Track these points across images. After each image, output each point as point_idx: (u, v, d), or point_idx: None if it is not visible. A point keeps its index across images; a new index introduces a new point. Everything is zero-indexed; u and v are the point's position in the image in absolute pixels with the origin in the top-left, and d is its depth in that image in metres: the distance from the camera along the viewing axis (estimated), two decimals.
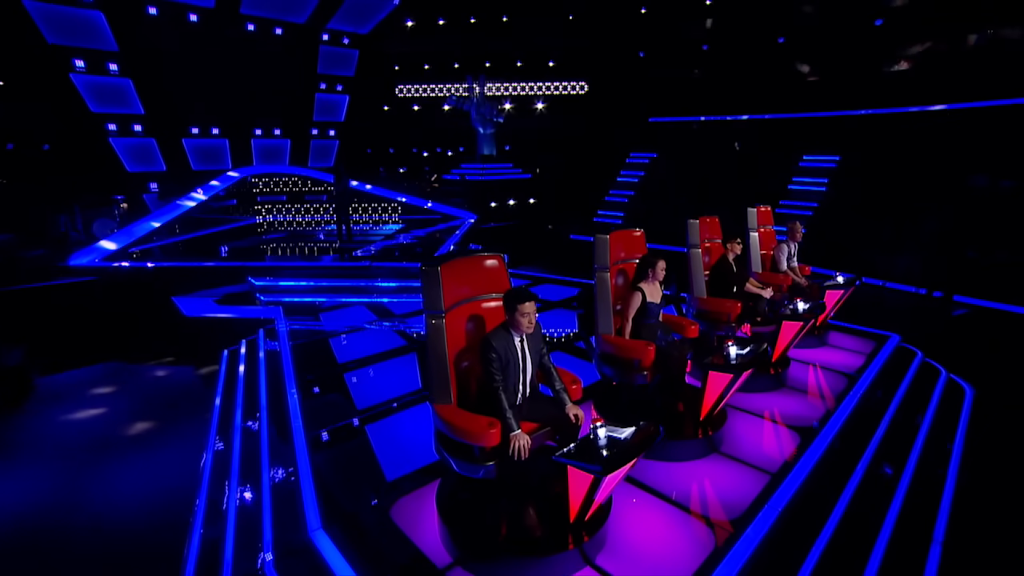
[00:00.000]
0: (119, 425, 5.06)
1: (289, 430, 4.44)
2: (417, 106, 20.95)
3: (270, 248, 11.89)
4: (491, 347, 2.93)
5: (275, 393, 5.39)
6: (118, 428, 5.00)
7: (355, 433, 4.44)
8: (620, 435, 2.78)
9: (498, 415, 2.87)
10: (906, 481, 4.00)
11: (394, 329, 7.24)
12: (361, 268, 8.63)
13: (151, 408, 5.54)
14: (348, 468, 4.00)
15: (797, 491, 3.66)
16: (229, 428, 4.82)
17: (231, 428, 4.81)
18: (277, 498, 3.62)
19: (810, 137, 13.64)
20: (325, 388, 5.41)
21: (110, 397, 5.80)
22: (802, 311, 5.05)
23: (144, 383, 6.43)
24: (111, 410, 5.42)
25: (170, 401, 5.85)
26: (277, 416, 4.81)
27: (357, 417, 4.72)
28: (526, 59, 20.43)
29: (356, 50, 18.79)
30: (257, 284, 8.47)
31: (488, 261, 3.37)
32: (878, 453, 4.30)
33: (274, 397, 5.29)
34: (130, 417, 5.26)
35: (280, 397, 5.24)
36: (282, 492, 3.69)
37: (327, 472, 3.89)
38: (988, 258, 8.91)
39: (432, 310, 3.06)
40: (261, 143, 17.96)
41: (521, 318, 2.95)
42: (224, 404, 5.63)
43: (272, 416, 4.82)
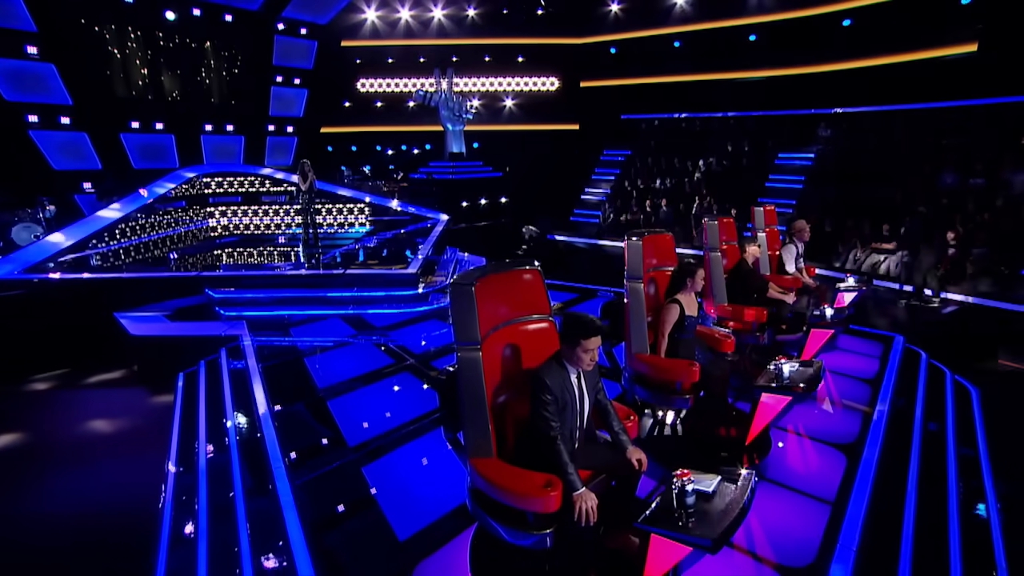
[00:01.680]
0: (41, 471, 4.17)
1: (269, 478, 3.71)
2: (380, 102, 19.94)
3: (228, 255, 10.83)
4: (545, 387, 2.37)
5: (247, 427, 4.62)
6: (39, 475, 4.11)
7: (351, 478, 3.75)
8: (707, 487, 2.28)
9: (556, 471, 2.31)
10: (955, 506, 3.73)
11: (376, 344, 6.53)
12: (335, 276, 7.83)
13: (85, 449, 4.67)
14: (349, 527, 3.33)
15: (864, 523, 3.31)
16: (191, 470, 4.04)
17: (194, 473, 4.03)
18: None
19: (785, 135, 13.73)
20: (307, 421, 4.68)
21: (29, 437, 4.88)
22: (830, 317, 4.75)
23: (79, 415, 5.50)
24: (31, 452, 4.51)
25: (114, 438, 4.99)
26: (252, 458, 4.07)
27: (350, 456, 4.03)
28: (495, 54, 19.80)
29: (315, 41, 17.66)
30: (216, 296, 7.54)
31: (526, 275, 2.79)
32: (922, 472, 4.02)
33: (246, 433, 4.52)
34: (56, 462, 4.38)
35: (253, 431, 4.48)
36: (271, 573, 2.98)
37: (323, 533, 3.21)
38: (968, 255, 9.05)
39: (465, 341, 2.46)
40: (212, 140, 16.56)
41: (584, 354, 2.41)
42: (183, 442, 4.81)
43: (246, 460, 4.06)
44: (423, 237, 12.16)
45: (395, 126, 19.90)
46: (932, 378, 5.69)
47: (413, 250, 10.36)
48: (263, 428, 4.42)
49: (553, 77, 20.11)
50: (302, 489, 3.57)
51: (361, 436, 4.29)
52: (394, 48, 19.35)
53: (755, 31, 15.60)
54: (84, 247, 9.65)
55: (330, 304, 7.62)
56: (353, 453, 4.04)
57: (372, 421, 4.54)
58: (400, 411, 4.71)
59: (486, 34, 19.28)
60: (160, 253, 11.04)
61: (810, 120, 13.47)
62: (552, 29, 19.26)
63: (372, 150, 20.09)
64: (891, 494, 3.62)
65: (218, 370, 6.27)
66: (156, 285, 8.04)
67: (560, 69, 19.90)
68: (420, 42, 19.34)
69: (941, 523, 3.50)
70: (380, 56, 19.45)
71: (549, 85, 20.22)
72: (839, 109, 13.11)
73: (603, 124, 18.01)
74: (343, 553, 3.07)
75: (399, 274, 7.97)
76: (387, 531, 3.19)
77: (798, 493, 3.58)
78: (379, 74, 19.71)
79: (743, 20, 15.57)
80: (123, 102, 14.48)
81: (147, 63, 14.99)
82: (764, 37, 15.47)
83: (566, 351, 2.46)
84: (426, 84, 18.44)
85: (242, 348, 6.48)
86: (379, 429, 4.39)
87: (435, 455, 4.00)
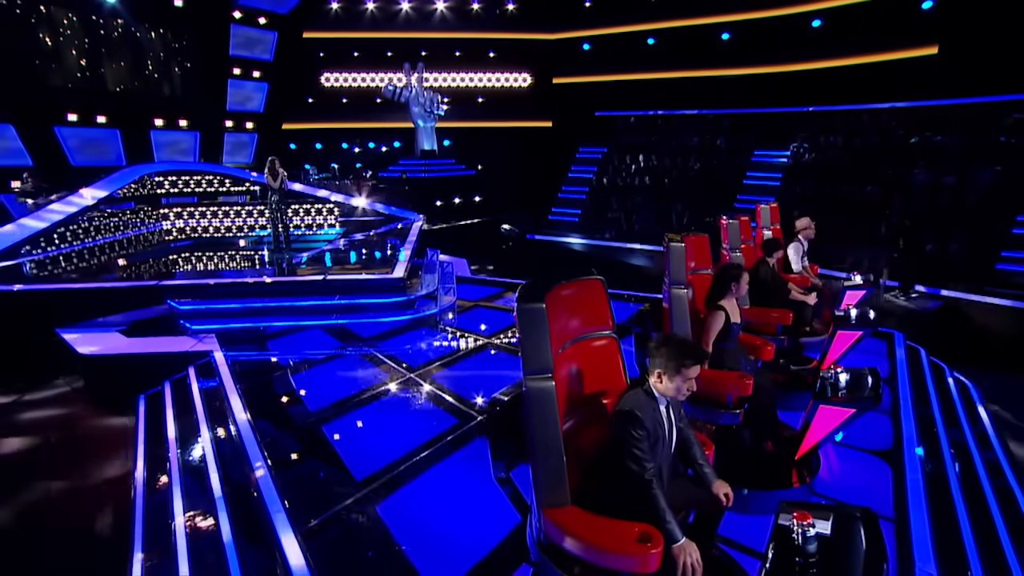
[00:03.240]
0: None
1: (267, 525, 3.17)
2: (345, 98, 19.04)
3: (188, 260, 9.92)
4: (638, 422, 2.00)
5: (232, 462, 4.03)
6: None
7: (366, 520, 3.26)
8: (823, 530, 1.96)
9: (651, 519, 1.94)
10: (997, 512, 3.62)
11: (365, 356, 5.99)
12: (315, 283, 7.20)
13: (21, 492, 3.99)
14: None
15: (933, 543, 3.11)
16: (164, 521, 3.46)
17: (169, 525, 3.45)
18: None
19: (760, 132, 13.89)
20: (303, 452, 4.12)
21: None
22: (855, 319, 4.58)
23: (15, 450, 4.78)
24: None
25: (60, 479, 4.32)
26: (243, 502, 3.51)
27: (360, 492, 3.53)
28: (465, 49, 19.27)
29: (274, 32, 16.66)
30: (181, 308, 6.77)
31: (589, 285, 2.40)
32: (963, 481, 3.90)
33: (232, 469, 3.94)
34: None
35: (241, 467, 3.90)
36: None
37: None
38: (944, 250, 9.31)
39: (536, 369, 2.05)
40: (163, 136, 15.34)
41: (683, 383, 2.07)
42: (151, 480, 4.19)
43: (235, 504, 3.50)
44: (401, 238, 11.56)
45: (362, 123, 19.07)
46: (938, 377, 5.69)
47: (393, 253, 9.78)
48: (251, 462, 3.85)
49: (525, 73, 19.78)
50: (309, 537, 3.06)
51: (368, 467, 3.79)
52: (359, 41, 18.53)
53: (727, 29, 15.76)
54: (15, 254, 8.58)
55: (310, 314, 6.99)
56: (363, 489, 3.54)
57: (378, 448, 4.04)
58: (407, 434, 4.23)
59: (456, 28, 18.74)
60: (107, 259, 10.01)
61: (784, 118, 13.69)
62: (524, 24, 18.92)
63: (338, 148, 19.20)
64: (944, 507, 3.46)
65: (187, 391, 5.59)
66: (108, 296, 7.17)
67: (532, 65, 19.59)
68: (387, 35, 18.60)
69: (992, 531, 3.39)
70: (345, 49, 18.58)
71: (521, 81, 19.88)
72: (812, 107, 13.37)
73: (577, 121, 17.81)
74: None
75: (384, 279, 7.42)
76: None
77: None
78: (344, 68, 18.84)
79: (715, 18, 15.70)
80: (56, 92, 13.14)
81: (85, 51, 13.68)
82: (736, 35, 15.65)
83: (661, 378, 2.10)
84: (395, 79, 17.74)
85: (214, 365, 5.81)
86: (387, 457, 3.90)
87: (456, 485, 3.57)
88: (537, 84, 19.78)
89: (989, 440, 4.78)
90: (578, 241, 13.89)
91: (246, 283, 7.05)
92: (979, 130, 10.93)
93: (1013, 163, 10.09)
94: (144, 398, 5.79)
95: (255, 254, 10.69)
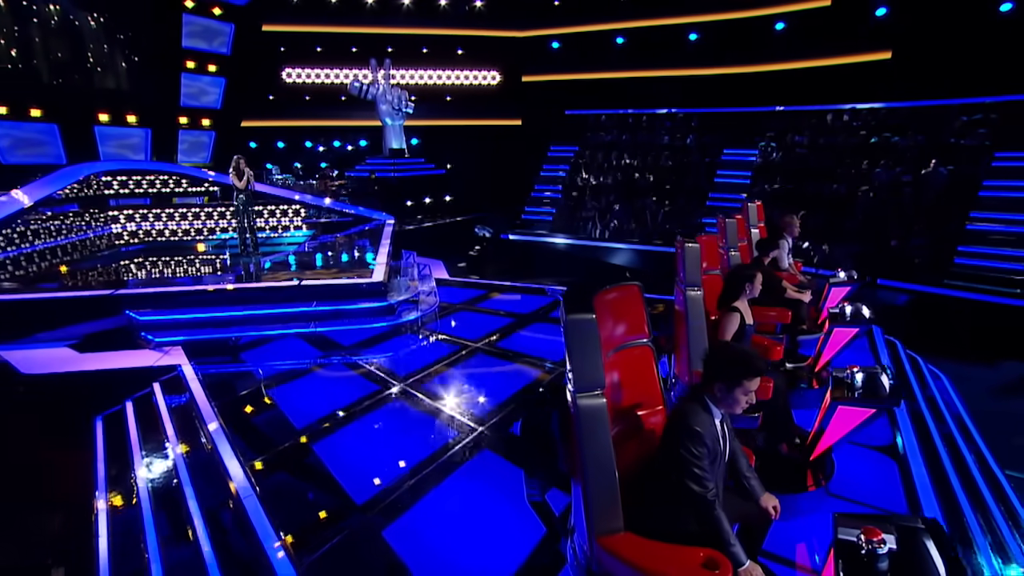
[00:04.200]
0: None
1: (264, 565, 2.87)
2: (308, 95, 18.29)
3: (148, 266, 9.22)
4: (699, 439, 1.87)
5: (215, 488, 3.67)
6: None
7: (372, 549, 3.00)
8: (890, 543, 1.87)
9: (715, 543, 1.80)
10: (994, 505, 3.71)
11: (349, 365, 5.67)
12: (289, 289, 6.78)
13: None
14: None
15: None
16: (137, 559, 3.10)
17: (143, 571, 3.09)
18: None
19: (729, 131, 14.19)
20: (295, 475, 3.80)
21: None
22: (849, 315, 4.62)
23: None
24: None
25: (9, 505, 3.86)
26: (232, 536, 3.18)
27: (362, 517, 3.26)
28: (432, 46, 18.86)
29: (231, 23, 15.79)
30: (141, 319, 6.22)
31: (628, 292, 2.25)
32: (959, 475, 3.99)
33: (216, 497, 3.58)
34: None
35: (225, 495, 3.55)
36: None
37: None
38: (908, 245, 9.72)
39: (587, 385, 1.88)
40: (109, 132, 14.29)
41: (743, 396, 1.95)
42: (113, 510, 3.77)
43: (224, 538, 3.17)
44: (374, 240, 11.17)
45: (326, 120, 18.39)
46: (915, 369, 5.89)
47: (368, 255, 9.40)
48: (237, 488, 3.51)
49: (494, 71, 19.57)
50: (312, 574, 2.78)
51: (368, 488, 3.52)
52: (322, 35, 17.84)
53: (695, 29, 16.06)
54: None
55: (285, 322, 6.58)
56: (365, 513, 3.27)
57: (375, 467, 3.77)
58: (405, 450, 3.98)
59: (423, 24, 18.33)
60: (48, 266, 9.20)
61: (752, 117, 14.04)
62: (492, 21, 18.70)
63: (301, 147, 18.44)
64: (952, 503, 3.52)
65: (153, 410, 5.12)
66: (55, 307, 6.54)
67: (501, 63, 19.40)
68: (351, 29, 17.99)
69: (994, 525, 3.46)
70: (307, 43, 17.85)
71: (490, 79, 19.65)
72: (778, 107, 13.76)
73: (547, 120, 17.75)
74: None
75: (363, 284, 7.08)
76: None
77: (872, 508, 3.36)
78: (306, 63, 18.11)
79: (683, 19, 15.96)
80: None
81: (15, 39, 12.57)
82: (704, 36, 15.97)
83: (719, 390, 1.97)
84: (360, 75, 17.17)
85: (183, 380, 5.36)
86: (387, 477, 3.64)
87: (466, 504, 3.35)
88: (506, 82, 19.61)
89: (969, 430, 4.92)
90: (556, 240, 13.82)
91: (217, 290, 6.57)
92: (932, 132, 11.52)
93: (963, 163, 10.67)
94: (101, 420, 5.27)
95: (216, 259, 10.07)
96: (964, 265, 9.35)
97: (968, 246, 9.54)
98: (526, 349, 6.01)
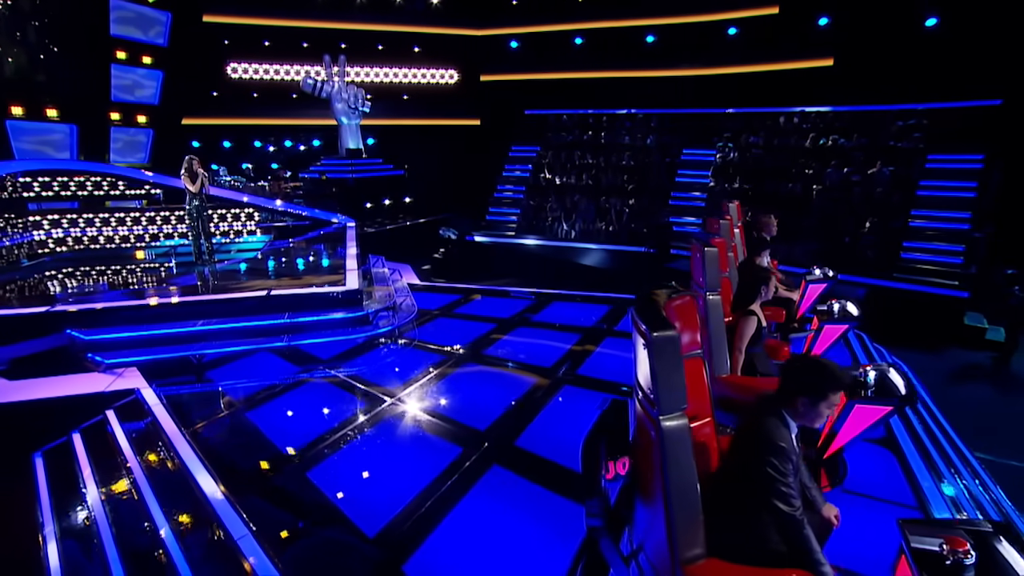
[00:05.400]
0: None
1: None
2: (256, 92, 17.26)
3: (85, 278, 8.32)
4: (785, 456, 1.79)
5: (201, 533, 3.28)
6: None
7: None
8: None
9: (804, 563, 1.73)
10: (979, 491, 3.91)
11: (332, 381, 5.31)
12: (256, 300, 6.28)
13: None
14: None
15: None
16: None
17: None
18: None
19: (687, 132, 14.60)
20: (293, 506, 3.46)
21: None
22: (838, 312, 4.78)
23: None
24: None
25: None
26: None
27: (378, 553, 2.99)
28: (388, 43, 18.29)
29: (167, 12, 14.65)
30: (86, 338, 5.56)
31: (687, 301, 2.15)
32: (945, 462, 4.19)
33: (196, 533, 3.19)
34: None
35: (212, 538, 3.17)
36: None
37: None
38: (859, 242, 10.31)
39: (672, 407, 1.76)
40: (25, 127, 12.88)
41: (827, 410, 1.91)
42: (68, 564, 3.32)
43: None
44: (337, 245, 10.66)
45: (276, 119, 17.44)
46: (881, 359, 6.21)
47: (336, 261, 8.92)
48: (227, 528, 3.15)
49: (452, 70, 19.24)
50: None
51: (378, 518, 3.25)
52: (270, 28, 16.88)
53: (652, 32, 16.43)
54: None
55: (253, 336, 6.09)
56: (380, 548, 3.01)
57: (381, 493, 3.50)
58: (410, 471, 3.73)
59: (377, 20, 17.74)
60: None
61: (708, 119, 14.52)
62: (449, 19, 18.37)
63: (250, 146, 17.39)
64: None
65: (108, 440, 4.59)
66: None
67: (459, 61, 19.09)
68: (301, 23, 17.14)
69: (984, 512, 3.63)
70: (254, 37, 16.83)
71: (448, 78, 19.31)
72: (731, 109, 14.29)
73: (507, 120, 17.63)
74: None
75: (339, 293, 6.67)
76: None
77: (883, 502, 3.45)
78: (254, 58, 17.09)
79: (640, 21, 16.28)
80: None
81: None
82: (660, 39, 16.37)
83: (803, 404, 1.90)
84: (313, 72, 16.40)
85: (144, 405, 4.83)
86: (396, 503, 3.39)
87: (487, 528, 3.16)
88: (464, 81, 19.33)
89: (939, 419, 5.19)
90: (524, 242, 13.71)
91: (177, 303, 5.98)
92: (873, 135, 12.32)
93: (900, 165, 11.47)
94: (41, 456, 4.67)
95: (161, 268, 9.25)
96: (909, 259, 10.03)
97: (911, 242, 10.24)
98: (514, 355, 5.86)
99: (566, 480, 3.61)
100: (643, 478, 2.04)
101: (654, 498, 1.84)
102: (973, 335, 8.49)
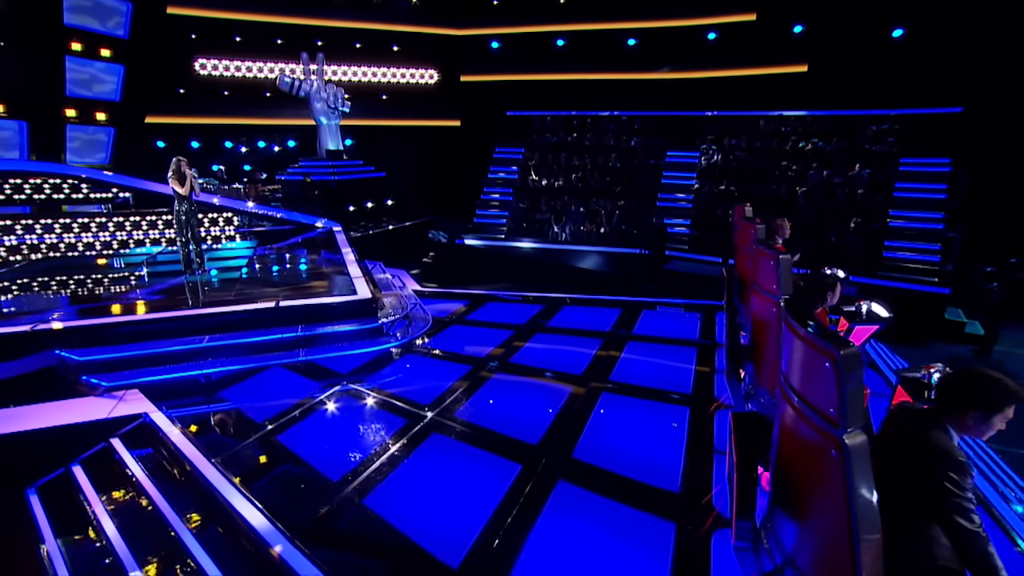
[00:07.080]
0: None
1: None
2: (228, 90, 16.39)
3: (62, 291, 7.62)
4: (966, 469, 1.76)
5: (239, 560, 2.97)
6: None
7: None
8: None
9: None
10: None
11: (359, 397, 5.02)
12: (265, 311, 5.88)
13: None
14: None
15: None
16: None
17: None
18: None
19: (671, 134, 14.83)
20: (356, 539, 3.18)
21: None
22: (866, 312, 4.86)
23: None
24: None
25: None
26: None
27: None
28: (366, 41, 17.76)
29: (128, 2, 13.72)
30: (80, 359, 5.04)
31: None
32: None
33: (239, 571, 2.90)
34: None
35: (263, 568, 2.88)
36: None
37: None
38: (844, 241, 10.71)
39: (854, 423, 1.67)
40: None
41: (1000, 424, 1.88)
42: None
43: None
44: (330, 250, 10.23)
45: (249, 118, 16.63)
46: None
47: (330, 268, 8.53)
48: (293, 568, 2.86)
49: (431, 69, 18.89)
50: None
51: (456, 548, 3.04)
52: (242, 23, 16.08)
53: (633, 35, 16.63)
54: None
55: (263, 351, 5.70)
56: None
57: (451, 520, 3.28)
58: (473, 494, 3.52)
59: (355, 17, 17.21)
60: None
61: (690, 121, 14.80)
62: (429, 18, 18.02)
63: (220, 147, 16.51)
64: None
65: (118, 468, 4.16)
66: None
67: (439, 61, 18.77)
68: (275, 19, 16.42)
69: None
70: (224, 32, 15.99)
71: (428, 78, 18.95)
72: (713, 112, 14.62)
73: (488, 121, 17.45)
74: None
75: (350, 302, 6.35)
76: None
77: None
78: (224, 54, 16.23)
79: (621, 24, 16.45)
80: None
81: None
82: (641, 42, 16.59)
83: (975, 418, 1.85)
84: (288, 69, 15.75)
85: (155, 430, 4.42)
86: (470, 531, 3.18)
87: (575, 554, 3.00)
88: (444, 82, 19.02)
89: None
90: (517, 244, 13.56)
91: (182, 317, 5.52)
92: (849, 138, 12.87)
93: (878, 168, 12.02)
94: (36, 492, 4.20)
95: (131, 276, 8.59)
96: (891, 258, 10.50)
97: (892, 241, 10.73)
98: (542, 363, 5.71)
99: (638, 493, 3.51)
100: (801, 496, 1.95)
101: (822, 518, 1.76)
102: (954, 329, 8.94)
